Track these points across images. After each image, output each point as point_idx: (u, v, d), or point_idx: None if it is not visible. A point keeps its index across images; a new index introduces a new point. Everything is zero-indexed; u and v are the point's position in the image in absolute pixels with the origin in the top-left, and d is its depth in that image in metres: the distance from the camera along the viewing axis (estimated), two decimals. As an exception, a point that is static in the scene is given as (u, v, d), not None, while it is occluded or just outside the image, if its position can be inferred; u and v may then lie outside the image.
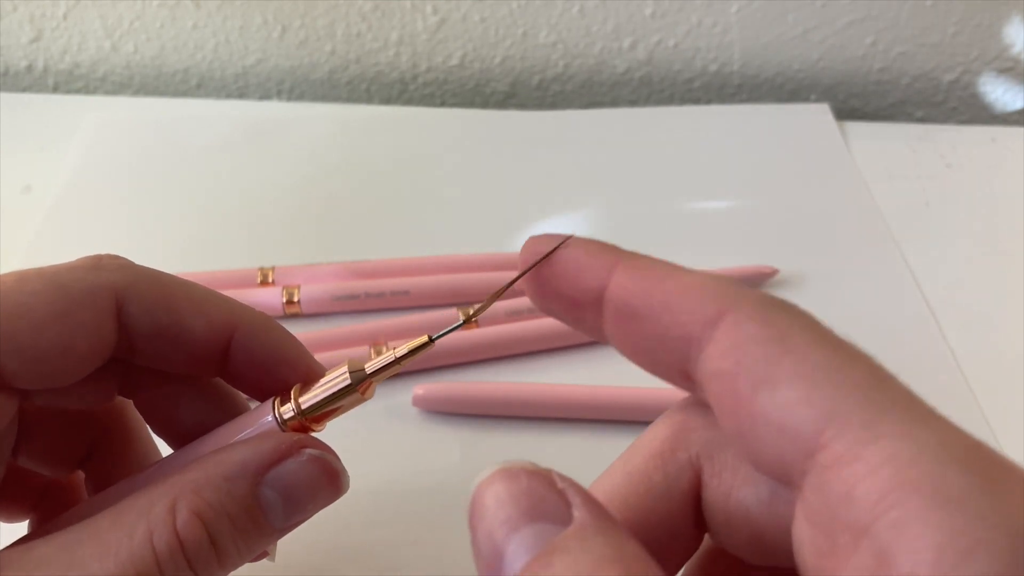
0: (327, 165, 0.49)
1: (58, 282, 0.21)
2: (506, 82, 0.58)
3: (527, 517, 0.15)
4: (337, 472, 0.22)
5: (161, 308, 0.22)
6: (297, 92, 0.59)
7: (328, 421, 0.22)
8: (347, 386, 0.21)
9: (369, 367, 0.21)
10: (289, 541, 0.32)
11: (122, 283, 0.21)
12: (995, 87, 0.57)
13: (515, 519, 0.15)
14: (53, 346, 0.20)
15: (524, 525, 0.15)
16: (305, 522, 0.22)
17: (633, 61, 0.57)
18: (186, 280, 0.23)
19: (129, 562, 0.19)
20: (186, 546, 0.19)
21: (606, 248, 0.18)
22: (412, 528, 0.32)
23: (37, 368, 0.20)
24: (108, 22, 0.55)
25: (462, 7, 0.54)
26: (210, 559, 0.20)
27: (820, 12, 0.54)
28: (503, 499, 0.15)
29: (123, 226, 0.46)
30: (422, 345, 0.21)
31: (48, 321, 0.20)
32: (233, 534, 0.20)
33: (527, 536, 0.15)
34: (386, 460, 0.35)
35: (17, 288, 0.20)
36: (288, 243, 0.44)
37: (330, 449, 0.22)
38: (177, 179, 0.48)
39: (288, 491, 0.21)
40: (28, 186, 0.47)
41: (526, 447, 0.35)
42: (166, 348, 0.22)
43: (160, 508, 0.19)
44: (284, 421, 0.21)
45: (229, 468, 0.20)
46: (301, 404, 0.21)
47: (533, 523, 0.15)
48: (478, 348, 0.38)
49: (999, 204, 0.48)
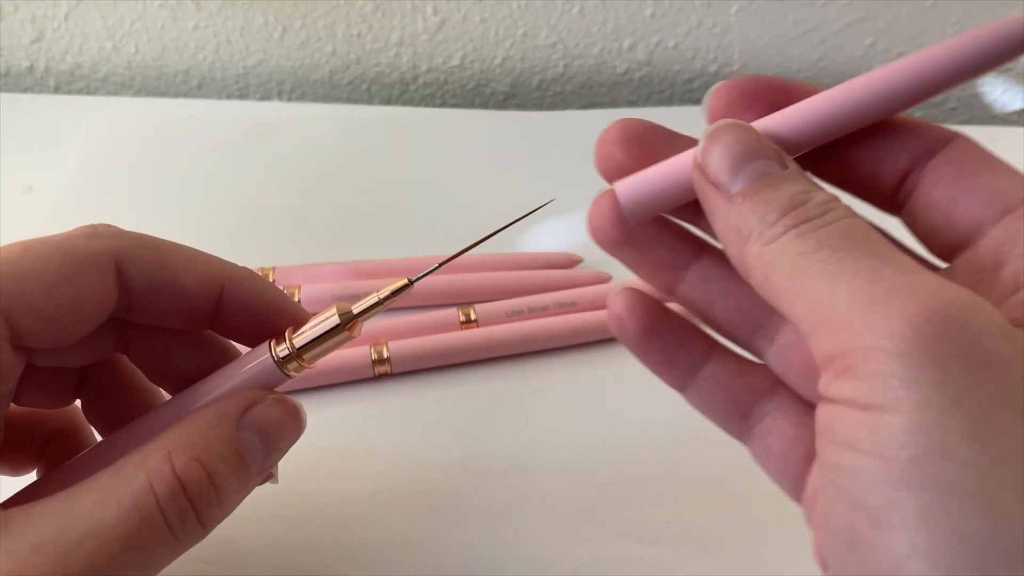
0: (327, 165, 0.49)
1: (63, 248, 0.22)
2: (506, 82, 0.58)
3: (755, 155, 0.20)
4: (297, 408, 0.24)
5: (156, 268, 0.24)
6: (298, 93, 0.59)
7: (318, 359, 0.24)
8: (336, 325, 0.23)
9: (356, 308, 0.23)
10: (289, 541, 0.32)
11: (120, 247, 0.23)
12: (995, 87, 0.57)
13: (746, 155, 0.19)
14: (61, 307, 0.22)
15: (755, 159, 0.19)
16: (279, 460, 0.24)
17: (633, 62, 0.57)
18: (176, 242, 0.25)
19: (132, 507, 0.20)
20: (188, 487, 0.21)
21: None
22: (412, 528, 0.32)
23: (47, 327, 0.22)
24: (109, 23, 0.55)
25: (462, 8, 0.54)
26: (211, 498, 0.21)
27: (820, 12, 0.54)
28: (739, 138, 0.20)
29: (124, 226, 0.45)
30: (402, 287, 0.23)
31: (57, 284, 0.22)
32: (228, 473, 0.22)
33: (758, 165, 0.19)
34: (386, 460, 0.35)
35: (26, 255, 0.22)
36: (288, 243, 0.45)
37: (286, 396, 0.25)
38: (178, 179, 0.48)
39: (262, 430, 0.23)
40: (30, 187, 0.48)
41: (526, 448, 0.35)
42: (162, 304, 0.24)
43: (157, 458, 0.21)
44: (281, 360, 0.23)
45: (211, 418, 0.22)
46: (295, 343, 0.23)
47: (760, 159, 0.19)
48: (479, 348, 0.38)
49: (998, 204, 0.48)
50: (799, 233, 0.18)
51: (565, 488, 0.33)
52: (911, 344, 0.16)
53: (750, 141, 0.20)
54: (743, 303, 0.23)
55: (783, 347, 0.23)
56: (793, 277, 0.18)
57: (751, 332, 0.24)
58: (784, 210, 0.19)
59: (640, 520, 0.32)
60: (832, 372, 0.17)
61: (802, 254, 0.18)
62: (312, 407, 0.25)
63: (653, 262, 0.24)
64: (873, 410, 0.16)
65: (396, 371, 0.37)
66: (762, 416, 0.23)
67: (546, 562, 0.31)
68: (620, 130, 0.22)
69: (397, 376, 0.38)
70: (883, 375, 0.16)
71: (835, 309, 0.17)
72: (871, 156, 0.22)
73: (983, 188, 0.21)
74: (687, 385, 0.24)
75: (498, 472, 0.34)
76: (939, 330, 0.16)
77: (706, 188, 0.20)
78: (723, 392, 0.24)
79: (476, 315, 0.39)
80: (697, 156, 0.20)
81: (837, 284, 0.17)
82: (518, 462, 0.34)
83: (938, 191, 0.21)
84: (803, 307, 0.18)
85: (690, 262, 0.24)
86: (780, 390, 0.24)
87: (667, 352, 0.24)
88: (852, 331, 0.17)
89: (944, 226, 0.21)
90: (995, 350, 0.16)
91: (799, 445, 0.23)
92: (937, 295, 0.16)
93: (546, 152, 0.50)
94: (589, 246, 0.24)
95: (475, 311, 0.39)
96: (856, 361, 0.16)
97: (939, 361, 0.16)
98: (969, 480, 0.15)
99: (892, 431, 0.16)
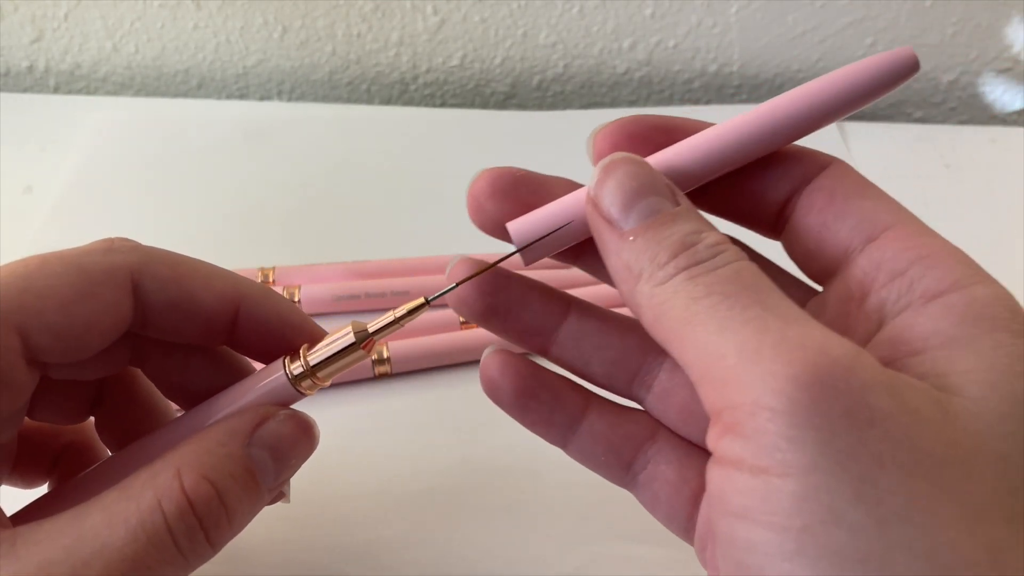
0: (327, 165, 0.49)
1: (78, 264, 0.22)
2: (506, 82, 0.58)
3: (648, 191, 0.19)
4: (310, 424, 0.24)
5: (173, 284, 0.23)
6: (297, 93, 0.59)
7: (332, 377, 0.24)
8: (351, 344, 0.23)
9: (371, 326, 0.23)
10: (289, 541, 0.32)
11: (136, 263, 0.23)
12: (994, 87, 0.57)
13: (639, 191, 0.19)
14: (77, 323, 0.22)
15: (647, 195, 0.19)
16: (292, 476, 0.24)
17: (633, 61, 0.57)
18: (193, 258, 0.24)
19: (140, 527, 0.20)
20: (196, 506, 0.20)
21: None
22: (412, 528, 0.32)
23: (63, 343, 0.22)
24: (109, 23, 0.55)
25: (462, 8, 0.54)
26: (220, 516, 0.21)
27: (819, 13, 0.54)
28: (633, 173, 0.20)
29: (124, 226, 0.45)
30: (419, 306, 0.23)
31: (73, 300, 0.22)
32: (238, 491, 0.21)
33: (650, 202, 0.19)
34: (386, 460, 0.35)
35: (42, 271, 0.22)
36: (288, 243, 0.45)
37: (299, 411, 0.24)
38: (178, 179, 0.48)
39: (274, 447, 0.23)
40: (29, 186, 0.48)
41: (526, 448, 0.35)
42: (178, 320, 0.24)
43: (166, 475, 0.21)
44: (295, 377, 0.23)
45: (221, 435, 0.22)
46: (309, 361, 0.23)
47: (653, 195, 0.19)
48: (479, 348, 0.38)
49: (999, 204, 0.48)
50: (689, 276, 0.18)
51: (565, 488, 0.33)
52: (796, 403, 0.16)
53: (643, 176, 0.20)
54: (617, 355, 0.24)
55: (660, 393, 0.24)
56: (683, 322, 0.18)
57: (628, 382, 0.24)
58: (675, 251, 0.18)
59: (640, 520, 0.32)
60: (721, 427, 0.17)
61: (693, 299, 0.18)
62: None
63: (521, 328, 0.24)
64: (763, 474, 0.16)
65: (396, 371, 0.37)
66: (644, 464, 0.24)
67: (546, 562, 0.31)
68: (489, 182, 0.22)
69: (397, 376, 0.38)
70: (770, 434, 0.16)
71: (722, 361, 0.17)
72: (753, 185, 0.22)
73: (851, 215, 0.21)
74: (568, 441, 0.24)
75: (498, 472, 0.34)
76: (824, 388, 0.16)
77: (599, 224, 0.20)
78: (603, 445, 0.24)
79: (476, 315, 0.39)
80: (590, 191, 0.20)
81: (725, 334, 0.17)
82: (518, 462, 0.34)
83: (810, 217, 0.21)
84: (692, 354, 0.18)
85: (559, 323, 0.24)
86: (660, 435, 0.24)
87: (543, 412, 0.24)
88: (739, 386, 0.16)
89: (816, 252, 0.22)
90: (878, 406, 0.16)
91: (683, 488, 0.23)
92: (822, 350, 0.16)
93: (546, 152, 0.50)
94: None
95: (475, 311, 0.39)
96: (742, 418, 0.16)
97: (824, 421, 0.15)
98: (859, 545, 0.15)
99: (781, 497, 0.15)
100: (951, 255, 0.20)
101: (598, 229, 0.20)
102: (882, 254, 0.20)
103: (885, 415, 0.16)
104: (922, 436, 0.16)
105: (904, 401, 0.16)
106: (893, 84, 0.20)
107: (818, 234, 0.21)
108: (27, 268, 0.22)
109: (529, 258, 0.21)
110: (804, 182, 0.22)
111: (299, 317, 0.25)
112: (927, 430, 0.16)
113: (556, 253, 0.22)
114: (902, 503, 0.15)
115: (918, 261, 0.20)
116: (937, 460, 0.16)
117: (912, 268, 0.19)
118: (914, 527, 0.15)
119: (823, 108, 0.21)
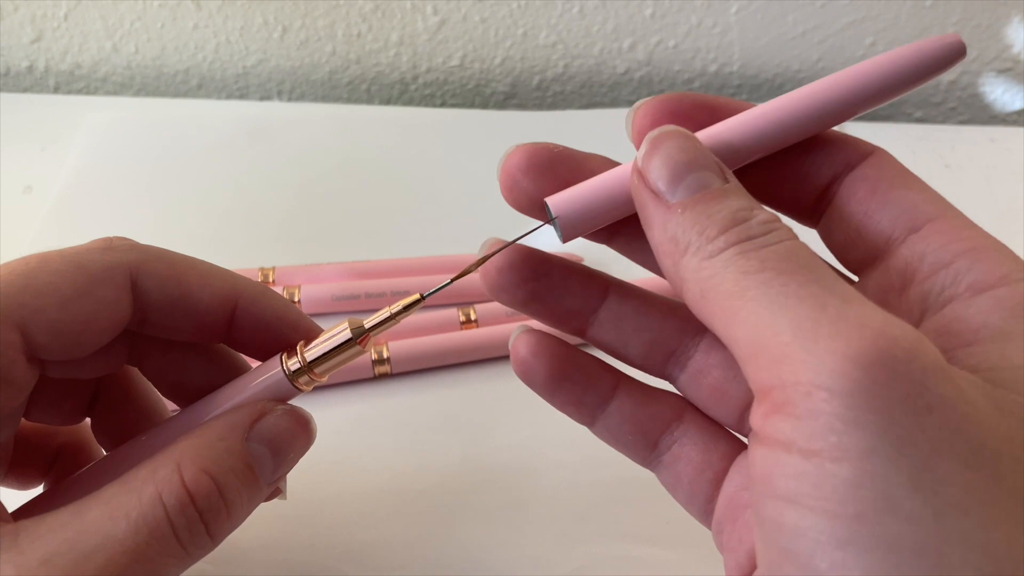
0: (327, 165, 0.49)
1: (78, 262, 0.22)
2: (506, 82, 0.58)
3: (698, 165, 0.19)
4: (307, 419, 0.24)
5: (171, 282, 0.24)
6: (297, 93, 0.59)
7: (329, 373, 0.24)
8: (348, 340, 0.23)
9: (367, 322, 0.23)
10: (289, 541, 0.32)
11: (135, 261, 0.23)
12: (994, 87, 0.57)
13: (689, 164, 0.19)
14: (76, 320, 0.22)
15: (697, 170, 0.19)
16: (289, 471, 0.24)
17: (633, 62, 0.57)
18: (191, 256, 0.25)
19: (141, 520, 0.20)
20: (197, 499, 0.21)
21: None
22: (412, 528, 0.32)
23: (62, 340, 0.22)
24: (109, 23, 0.55)
25: (462, 8, 0.54)
26: (220, 509, 0.21)
27: (820, 12, 0.54)
28: (682, 146, 0.19)
29: (124, 226, 0.45)
30: (414, 302, 0.23)
31: (72, 298, 0.22)
32: (237, 484, 0.22)
33: (700, 176, 0.19)
34: (386, 460, 0.35)
35: (41, 268, 0.22)
36: (288, 243, 0.45)
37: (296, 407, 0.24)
38: (178, 180, 0.48)
39: (272, 442, 0.23)
40: (29, 186, 0.48)
41: (526, 448, 0.35)
42: (176, 318, 0.24)
43: (166, 470, 0.21)
44: (292, 373, 0.23)
45: (220, 430, 0.22)
46: (307, 357, 0.23)
47: (703, 170, 0.19)
48: (478, 348, 0.38)
49: (999, 204, 0.48)
50: (741, 251, 0.18)
51: (565, 488, 0.33)
52: (856, 384, 0.15)
53: (692, 151, 0.19)
54: (656, 336, 0.23)
55: (694, 372, 0.23)
56: (734, 296, 0.17)
57: (664, 362, 0.24)
58: (726, 225, 0.18)
59: (640, 520, 0.32)
60: (769, 405, 0.16)
61: (745, 273, 0.17)
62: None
63: (562, 311, 0.23)
64: (815, 457, 0.15)
65: (396, 371, 0.37)
66: (670, 444, 0.24)
67: (546, 562, 0.31)
68: (525, 156, 0.21)
69: (397, 376, 0.38)
70: (826, 416, 0.15)
71: (776, 338, 0.16)
72: (794, 170, 0.22)
73: (894, 204, 0.21)
74: (596, 420, 0.24)
75: (498, 472, 0.34)
76: (885, 370, 0.15)
77: (644, 196, 0.19)
78: (631, 425, 0.24)
79: (476, 315, 0.39)
80: (638, 161, 0.20)
81: (780, 311, 0.16)
82: (518, 462, 0.34)
83: (852, 205, 0.21)
84: (741, 331, 0.17)
85: (598, 305, 0.23)
86: (686, 416, 0.24)
87: (575, 393, 0.24)
88: (793, 364, 0.16)
89: (856, 241, 0.21)
90: (937, 392, 0.15)
91: (706, 470, 0.23)
92: (882, 331, 0.16)
93: (546, 152, 0.50)
94: (589, 246, 0.23)
95: (475, 311, 0.39)
96: (796, 397, 0.16)
97: (883, 404, 0.15)
98: (915, 535, 0.15)
99: (836, 483, 0.15)
100: (997, 249, 0.19)
101: (643, 202, 0.19)
102: (926, 245, 0.20)
103: (945, 403, 0.15)
104: (979, 428, 0.15)
105: (962, 391, 0.16)
106: (939, 69, 0.20)
107: (859, 222, 0.21)
108: (27, 266, 0.22)
109: (568, 235, 0.21)
110: (846, 169, 0.21)
111: (296, 315, 0.25)
112: (984, 422, 0.16)
113: (594, 232, 0.22)
114: (959, 494, 0.15)
115: (964, 254, 0.19)
116: (993, 453, 0.15)
117: (958, 260, 0.19)
118: (971, 520, 0.15)
119: (869, 90, 0.20)
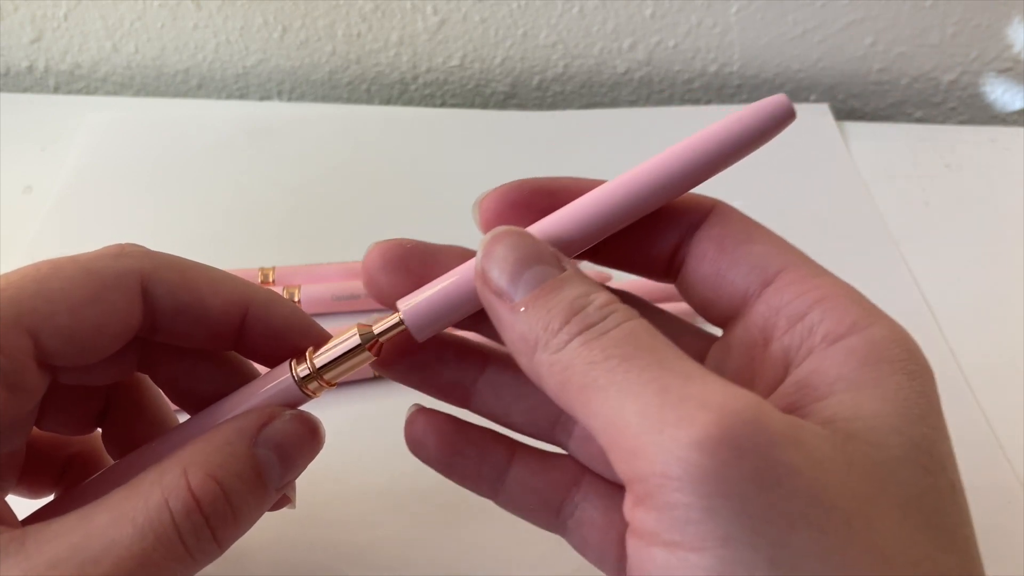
0: (327, 165, 0.49)
1: (89, 268, 0.22)
2: (506, 82, 0.58)
3: (533, 260, 0.19)
4: (316, 424, 0.24)
5: (182, 289, 0.24)
6: (297, 93, 0.59)
7: (339, 379, 0.24)
8: (357, 345, 0.23)
9: (376, 328, 0.23)
10: (290, 541, 0.32)
11: (146, 268, 0.23)
12: (994, 87, 0.57)
13: (524, 260, 0.19)
14: (87, 326, 0.22)
15: (532, 265, 0.19)
16: (297, 477, 0.24)
17: (633, 61, 0.57)
18: (201, 263, 0.25)
19: (147, 525, 0.20)
20: (203, 504, 0.21)
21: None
22: (412, 528, 0.32)
23: (73, 347, 0.22)
24: (109, 22, 0.55)
25: (462, 8, 0.54)
26: (226, 515, 0.21)
27: (820, 12, 0.54)
28: (516, 244, 0.20)
29: (124, 226, 0.46)
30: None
31: (83, 304, 0.22)
32: (244, 490, 0.22)
33: (537, 271, 0.19)
34: (386, 460, 0.35)
35: (53, 274, 0.22)
36: (288, 243, 0.45)
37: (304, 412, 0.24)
38: (178, 179, 0.48)
39: (280, 447, 0.23)
40: (29, 186, 0.48)
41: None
42: (187, 325, 0.24)
43: (173, 475, 0.21)
44: (301, 379, 0.23)
45: (228, 435, 0.22)
46: (316, 363, 0.23)
47: (538, 264, 0.19)
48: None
49: (999, 204, 0.48)
50: (584, 341, 0.18)
51: (565, 488, 0.33)
52: (704, 470, 0.15)
53: (525, 247, 0.20)
54: (537, 403, 0.24)
55: (580, 438, 0.24)
56: (585, 388, 0.17)
57: (550, 428, 0.24)
58: (567, 316, 0.18)
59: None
60: (633, 497, 0.17)
61: (592, 363, 0.17)
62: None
63: (442, 384, 0.24)
64: (677, 549, 0.16)
65: (396, 371, 0.37)
66: (572, 509, 0.24)
67: (546, 562, 0.31)
68: (380, 254, 0.22)
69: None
70: (682, 507, 0.15)
71: (627, 429, 0.17)
72: (640, 239, 0.22)
73: (743, 261, 0.21)
74: (497, 492, 0.24)
75: (498, 472, 0.34)
76: (730, 449, 0.15)
77: (490, 298, 0.20)
78: (531, 493, 0.24)
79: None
80: (478, 266, 0.20)
81: (626, 399, 0.17)
82: (518, 462, 0.34)
83: (703, 266, 0.22)
84: (597, 421, 0.17)
85: (477, 376, 0.24)
86: (585, 478, 0.24)
87: (470, 466, 0.24)
88: (646, 456, 0.16)
89: (713, 300, 0.22)
90: (784, 462, 0.16)
91: (610, 531, 0.23)
92: (723, 408, 0.16)
93: (546, 152, 0.50)
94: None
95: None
96: (652, 489, 0.16)
97: (735, 486, 0.15)
98: None
99: (697, 573, 0.15)
100: (846, 296, 0.20)
101: (490, 303, 0.20)
102: (780, 298, 0.20)
103: (792, 472, 0.16)
104: (828, 491, 0.16)
105: (809, 453, 0.16)
106: (772, 132, 0.20)
107: (713, 283, 0.22)
108: (39, 271, 0.22)
109: (421, 336, 0.22)
110: (691, 229, 0.22)
111: (306, 322, 0.25)
112: (833, 482, 0.16)
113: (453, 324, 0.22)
114: (816, 564, 0.15)
115: (815, 304, 0.20)
116: (844, 513, 0.16)
117: (811, 312, 0.20)
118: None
119: (701, 166, 0.21)
